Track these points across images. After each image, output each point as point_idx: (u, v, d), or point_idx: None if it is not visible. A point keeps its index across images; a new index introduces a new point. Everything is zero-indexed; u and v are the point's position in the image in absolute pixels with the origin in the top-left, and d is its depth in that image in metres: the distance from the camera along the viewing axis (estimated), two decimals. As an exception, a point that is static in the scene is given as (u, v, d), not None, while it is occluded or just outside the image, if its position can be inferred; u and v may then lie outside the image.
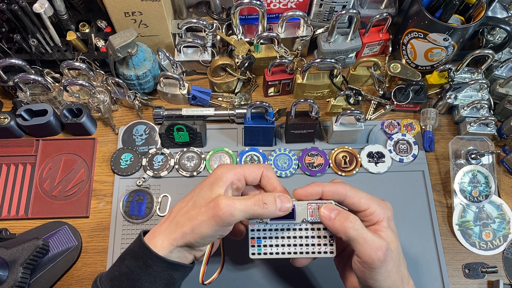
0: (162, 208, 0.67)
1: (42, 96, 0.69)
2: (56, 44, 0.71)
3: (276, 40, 0.71)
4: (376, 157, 0.71)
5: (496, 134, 0.72)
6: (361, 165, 0.70)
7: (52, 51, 0.71)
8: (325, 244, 0.46)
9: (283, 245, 0.46)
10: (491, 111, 0.73)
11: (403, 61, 0.76)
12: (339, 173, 0.70)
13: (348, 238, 0.42)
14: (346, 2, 0.70)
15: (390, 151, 0.71)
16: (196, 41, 0.71)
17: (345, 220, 0.43)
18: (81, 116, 0.68)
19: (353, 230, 0.42)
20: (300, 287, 0.62)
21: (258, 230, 0.46)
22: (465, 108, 0.72)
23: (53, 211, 0.66)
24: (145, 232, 0.46)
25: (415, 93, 0.71)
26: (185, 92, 0.72)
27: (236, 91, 0.75)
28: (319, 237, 0.46)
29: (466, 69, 0.74)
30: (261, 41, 0.71)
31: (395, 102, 0.72)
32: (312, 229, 0.46)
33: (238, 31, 0.72)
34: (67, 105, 0.69)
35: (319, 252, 0.46)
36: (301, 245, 0.46)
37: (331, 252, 0.46)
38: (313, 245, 0.46)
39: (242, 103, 0.74)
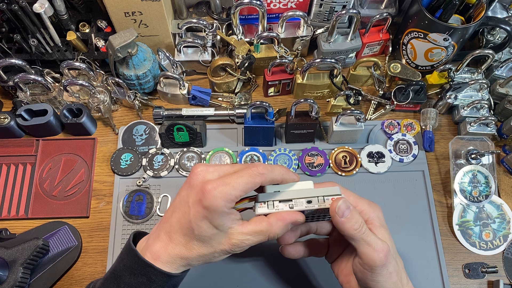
0: (162, 208, 0.67)
1: (42, 96, 0.69)
2: (56, 44, 0.71)
3: (276, 40, 0.71)
4: (376, 157, 0.71)
5: (496, 134, 0.72)
6: (361, 165, 0.70)
7: (52, 51, 0.71)
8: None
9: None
10: (491, 111, 0.73)
11: (403, 61, 0.76)
12: (339, 173, 0.70)
13: (352, 238, 0.42)
14: (346, 2, 0.70)
15: (390, 151, 0.71)
16: (196, 41, 0.71)
17: (354, 222, 0.42)
18: (81, 116, 0.68)
19: (358, 232, 0.42)
20: (300, 287, 0.62)
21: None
22: (465, 108, 0.72)
23: (53, 211, 0.66)
24: (134, 238, 0.45)
25: (415, 93, 0.71)
26: (185, 92, 0.72)
27: (236, 91, 0.75)
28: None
29: (466, 69, 0.74)
30: (261, 41, 0.71)
31: (395, 102, 0.72)
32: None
33: (238, 31, 0.72)
34: (67, 105, 0.69)
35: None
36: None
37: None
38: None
39: (242, 103, 0.74)
